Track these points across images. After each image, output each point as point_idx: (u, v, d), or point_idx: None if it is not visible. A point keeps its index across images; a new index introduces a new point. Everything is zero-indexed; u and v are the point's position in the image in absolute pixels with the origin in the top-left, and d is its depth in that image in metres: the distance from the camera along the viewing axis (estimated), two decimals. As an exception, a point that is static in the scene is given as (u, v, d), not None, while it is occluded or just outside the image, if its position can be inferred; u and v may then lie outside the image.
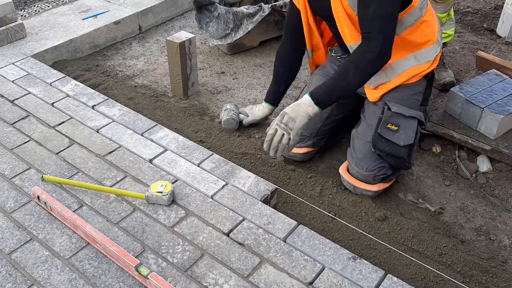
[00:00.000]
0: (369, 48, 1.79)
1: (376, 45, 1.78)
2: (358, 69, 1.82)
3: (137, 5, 3.39)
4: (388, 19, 1.79)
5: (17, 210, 1.77)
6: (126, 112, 2.29)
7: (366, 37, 1.81)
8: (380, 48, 1.78)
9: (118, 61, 3.06)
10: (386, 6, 1.78)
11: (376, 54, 1.79)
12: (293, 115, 1.83)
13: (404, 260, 1.75)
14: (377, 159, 1.95)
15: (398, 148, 1.92)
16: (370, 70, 1.84)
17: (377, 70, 1.85)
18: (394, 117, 1.95)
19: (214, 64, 3.02)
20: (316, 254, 1.60)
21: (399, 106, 1.97)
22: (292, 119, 1.82)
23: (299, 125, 1.83)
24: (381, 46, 1.78)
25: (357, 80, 1.84)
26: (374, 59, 1.80)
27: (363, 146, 1.98)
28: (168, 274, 1.54)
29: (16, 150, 2.05)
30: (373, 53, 1.79)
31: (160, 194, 1.75)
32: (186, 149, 2.05)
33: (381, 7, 1.77)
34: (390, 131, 1.93)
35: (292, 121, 1.82)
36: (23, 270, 1.56)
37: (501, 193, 2.07)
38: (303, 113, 1.83)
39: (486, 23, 3.41)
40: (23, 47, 2.88)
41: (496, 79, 2.35)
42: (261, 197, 1.82)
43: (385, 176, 1.98)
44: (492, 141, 2.14)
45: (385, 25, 1.79)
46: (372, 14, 1.78)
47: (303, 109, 1.83)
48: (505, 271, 1.75)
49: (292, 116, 1.83)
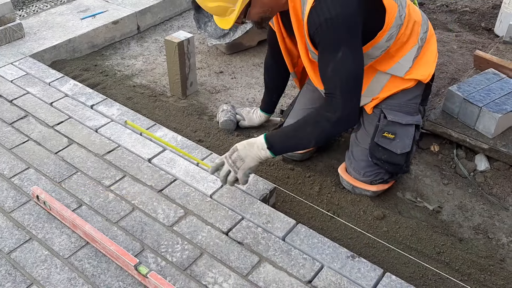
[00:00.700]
0: (331, 109, 1.63)
1: (337, 108, 1.61)
2: (317, 126, 1.66)
3: (136, 5, 3.39)
4: (350, 79, 1.62)
5: (16, 209, 1.77)
6: (124, 111, 2.29)
7: (328, 96, 1.65)
8: (341, 113, 1.62)
9: (116, 60, 3.06)
10: (346, 64, 1.60)
11: (337, 116, 1.62)
12: (243, 154, 1.68)
13: (402, 259, 1.76)
14: (374, 165, 1.96)
15: (395, 156, 1.91)
16: (330, 130, 1.69)
17: (340, 132, 1.70)
18: (390, 125, 1.91)
19: (213, 63, 3.02)
20: (315, 253, 1.60)
21: (396, 113, 1.93)
22: (241, 159, 1.68)
23: (246, 166, 1.68)
24: (342, 110, 1.62)
25: (315, 136, 1.68)
26: (336, 121, 1.63)
27: (361, 153, 1.98)
28: (168, 273, 1.54)
29: (15, 149, 2.05)
30: (334, 115, 1.62)
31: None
32: (185, 149, 2.05)
33: (340, 65, 1.60)
34: (387, 140, 1.91)
35: (240, 161, 1.68)
36: (23, 269, 1.56)
37: (499, 191, 2.07)
38: (254, 155, 1.68)
39: (484, 22, 3.41)
40: (21, 47, 2.87)
41: (494, 78, 2.36)
42: (260, 196, 1.82)
43: (382, 181, 1.99)
44: (490, 140, 2.15)
45: (347, 85, 1.62)
46: (331, 74, 1.62)
47: (254, 151, 1.68)
48: (503, 269, 1.76)
49: (242, 155, 1.68)
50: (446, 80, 2.78)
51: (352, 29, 1.61)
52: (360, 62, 1.65)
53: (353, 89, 1.64)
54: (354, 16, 1.60)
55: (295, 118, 2.16)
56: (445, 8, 3.66)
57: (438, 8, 3.66)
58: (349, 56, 1.61)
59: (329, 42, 1.61)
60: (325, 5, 1.56)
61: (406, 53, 1.87)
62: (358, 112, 1.69)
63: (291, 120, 2.17)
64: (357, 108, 1.67)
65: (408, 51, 1.87)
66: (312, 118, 1.69)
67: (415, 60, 1.90)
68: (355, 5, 1.59)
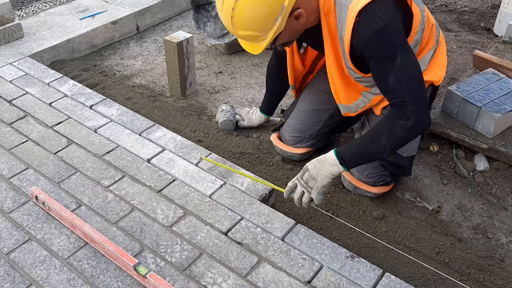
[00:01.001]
0: (404, 117, 1.58)
1: (411, 114, 1.57)
2: (392, 135, 1.61)
3: (135, 5, 3.38)
4: (414, 83, 1.59)
5: (15, 210, 1.77)
6: (124, 112, 2.29)
7: (398, 106, 1.60)
8: (415, 118, 1.57)
9: (116, 61, 3.06)
10: (407, 69, 1.58)
11: (411, 123, 1.57)
12: (314, 173, 1.64)
13: (402, 259, 1.75)
14: (378, 167, 1.95)
15: (401, 159, 1.91)
16: (407, 136, 1.63)
17: (416, 136, 1.69)
18: None
19: (212, 63, 3.02)
20: (314, 253, 1.60)
21: None
22: (313, 178, 1.64)
23: (320, 184, 1.63)
24: (416, 115, 1.57)
25: (390, 145, 1.63)
26: (411, 126, 1.58)
27: None
28: (167, 273, 1.54)
29: (14, 150, 2.05)
30: (408, 121, 1.57)
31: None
32: (184, 149, 2.05)
33: (402, 72, 1.57)
34: None
35: (313, 180, 1.64)
36: (22, 270, 1.56)
37: (498, 191, 2.07)
38: (326, 173, 1.63)
39: (483, 22, 3.41)
40: (20, 47, 2.87)
41: (493, 78, 2.36)
42: (259, 196, 1.82)
43: (384, 183, 1.99)
44: (489, 139, 2.15)
45: (414, 90, 1.58)
46: (394, 83, 1.59)
47: (326, 168, 1.63)
48: (503, 269, 1.76)
49: (313, 174, 1.64)
50: (445, 80, 2.78)
51: (401, 34, 1.61)
52: (417, 63, 1.63)
53: (420, 91, 1.61)
54: (398, 22, 1.59)
55: (297, 119, 2.16)
56: (444, 8, 3.66)
57: (437, 8, 3.66)
58: (408, 61, 1.59)
59: (384, 53, 1.58)
60: (370, 18, 1.53)
61: (424, 56, 1.87)
62: (429, 113, 1.65)
63: (292, 121, 2.17)
64: (428, 108, 1.63)
65: (426, 54, 1.87)
66: (385, 128, 1.63)
67: (429, 63, 1.90)
68: (395, 11, 1.58)
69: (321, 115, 2.13)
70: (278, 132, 2.27)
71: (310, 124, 2.14)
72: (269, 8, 1.52)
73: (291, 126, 2.17)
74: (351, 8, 1.54)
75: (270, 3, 1.52)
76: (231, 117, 2.38)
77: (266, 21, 1.55)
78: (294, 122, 2.16)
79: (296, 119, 2.16)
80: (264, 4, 1.52)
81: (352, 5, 1.54)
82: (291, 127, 2.16)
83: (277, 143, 2.22)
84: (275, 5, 1.52)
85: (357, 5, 1.53)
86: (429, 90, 1.95)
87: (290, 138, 2.17)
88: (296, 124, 2.15)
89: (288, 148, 2.18)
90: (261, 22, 1.56)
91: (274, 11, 1.53)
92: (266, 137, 2.37)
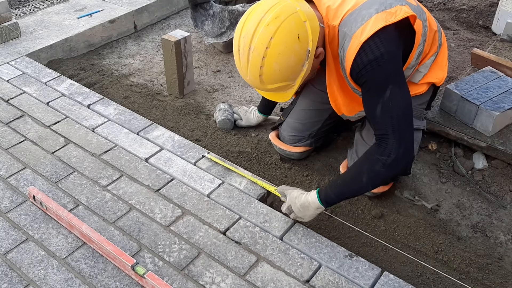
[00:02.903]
0: (385, 153, 1.56)
1: (391, 149, 1.55)
2: (372, 173, 1.59)
3: (132, 4, 3.37)
4: (400, 116, 1.56)
5: (12, 210, 1.76)
6: (121, 111, 2.28)
7: (380, 139, 1.59)
8: (396, 154, 1.54)
9: (113, 60, 3.05)
10: (395, 102, 1.55)
11: (392, 159, 1.55)
12: (301, 215, 1.69)
13: (400, 258, 1.75)
14: None
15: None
16: (387, 174, 1.60)
17: (397, 173, 1.65)
18: None
19: (210, 62, 3.02)
20: (313, 252, 1.60)
21: None
22: (301, 218, 1.70)
23: (307, 219, 1.70)
24: (397, 150, 1.55)
25: (372, 184, 1.62)
26: (391, 163, 1.56)
27: None
28: (165, 273, 1.53)
29: (11, 149, 2.04)
30: (389, 157, 1.55)
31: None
32: (182, 148, 2.05)
33: (389, 104, 1.55)
34: None
35: (300, 218, 1.70)
36: (19, 270, 1.55)
37: (497, 190, 2.07)
38: (311, 214, 1.68)
39: (482, 20, 3.41)
40: (17, 46, 2.86)
41: (492, 76, 2.36)
42: (258, 196, 1.82)
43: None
44: (488, 138, 2.15)
45: (399, 124, 1.56)
46: (381, 115, 1.57)
47: (311, 211, 1.67)
48: (501, 268, 1.76)
49: (300, 216, 1.69)
50: (443, 78, 2.77)
51: (397, 65, 1.60)
52: (408, 97, 1.61)
53: (405, 127, 1.58)
54: (396, 52, 1.59)
55: (296, 118, 2.15)
56: (442, 6, 3.65)
57: (435, 6, 3.66)
58: (398, 93, 1.56)
59: (376, 82, 1.58)
60: (369, 49, 1.53)
61: (425, 62, 1.87)
62: (413, 150, 1.63)
63: (291, 120, 2.16)
64: (412, 145, 1.61)
65: (428, 60, 1.87)
66: (365, 166, 1.61)
67: (431, 66, 1.89)
68: (396, 40, 1.57)
69: (321, 114, 2.12)
70: (276, 131, 2.26)
71: (310, 123, 2.14)
72: (297, 56, 1.54)
73: (290, 125, 2.17)
74: (355, 38, 1.55)
75: (297, 52, 1.53)
76: (229, 116, 2.38)
77: (294, 69, 1.57)
78: (293, 121, 2.16)
79: (295, 118, 2.16)
80: (291, 54, 1.53)
81: (356, 35, 1.55)
82: (290, 126, 2.16)
83: (275, 142, 2.22)
84: (301, 51, 1.54)
85: (361, 37, 1.53)
86: (430, 90, 1.96)
87: (289, 137, 2.17)
88: (296, 123, 2.15)
89: (287, 147, 2.18)
90: (290, 72, 1.57)
91: (301, 58, 1.56)
92: (264, 136, 2.37)
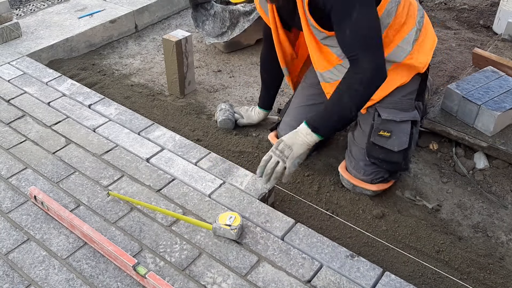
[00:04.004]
0: (359, 70, 1.64)
1: (363, 65, 1.63)
2: (352, 92, 1.66)
3: (133, 4, 3.37)
4: (367, 35, 1.63)
5: (13, 210, 1.76)
6: (122, 111, 2.28)
7: (352, 60, 1.66)
8: (370, 69, 1.63)
9: (114, 60, 3.05)
10: (362, 22, 1.61)
11: (367, 75, 1.63)
12: (290, 142, 1.69)
13: (402, 258, 1.75)
14: (373, 165, 1.95)
15: (392, 154, 1.91)
16: (364, 91, 1.67)
17: (374, 90, 1.71)
18: (385, 124, 1.91)
19: (211, 62, 3.02)
20: (314, 252, 1.60)
21: (390, 111, 1.92)
22: (289, 147, 1.69)
23: (295, 153, 1.69)
24: (369, 65, 1.63)
25: (353, 103, 1.67)
26: (368, 79, 1.64)
27: (359, 152, 1.97)
28: (166, 273, 1.53)
29: (12, 150, 2.04)
30: (364, 74, 1.63)
31: (228, 227, 1.60)
32: (183, 148, 2.05)
33: (357, 25, 1.61)
34: (383, 138, 1.90)
35: (288, 149, 1.69)
36: (20, 270, 1.55)
37: (498, 189, 2.07)
38: (301, 142, 1.69)
39: (483, 20, 3.41)
40: (18, 46, 2.86)
41: (493, 76, 2.36)
42: (259, 196, 1.82)
43: (382, 179, 1.98)
44: (489, 138, 2.15)
45: (366, 42, 1.63)
46: (350, 37, 1.63)
47: (300, 138, 1.69)
48: (503, 268, 1.76)
49: (289, 144, 1.69)
50: (444, 78, 2.77)
51: None
52: (377, 17, 1.64)
53: (374, 43, 1.64)
54: None
55: (292, 116, 2.15)
56: (443, 6, 3.65)
57: (436, 6, 3.66)
58: (364, 14, 1.61)
59: (342, 5, 1.61)
60: None
61: (405, 36, 1.86)
62: (385, 68, 1.66)
63: (287, 119, 2.17)
64: (383, 63, 1.65)
65: (407, 34, 1.86)
66: (345, 86, 1.67)
67: (415, 44, 1.89)
68: None
69: (315, 110, 2.12)
70: (275, 131, 2.26)
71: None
72: None
73: (287, 124, 2.16)
74: None
75: None
76: (230, 115, 2.38)
77: None
78: (289, 120, 2.16)
79: (291, 116, 2.16)
80: None
81: None
82: (287, 125, 2.16)
83: (274, 142, 2.21)
84: None
85: None
86: (415, 80, 1.95)
87: (287, 136, 2.17)
88: (292, 121, 2.15)
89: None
90: None
91: None
92: (265, 136, 2.37)
